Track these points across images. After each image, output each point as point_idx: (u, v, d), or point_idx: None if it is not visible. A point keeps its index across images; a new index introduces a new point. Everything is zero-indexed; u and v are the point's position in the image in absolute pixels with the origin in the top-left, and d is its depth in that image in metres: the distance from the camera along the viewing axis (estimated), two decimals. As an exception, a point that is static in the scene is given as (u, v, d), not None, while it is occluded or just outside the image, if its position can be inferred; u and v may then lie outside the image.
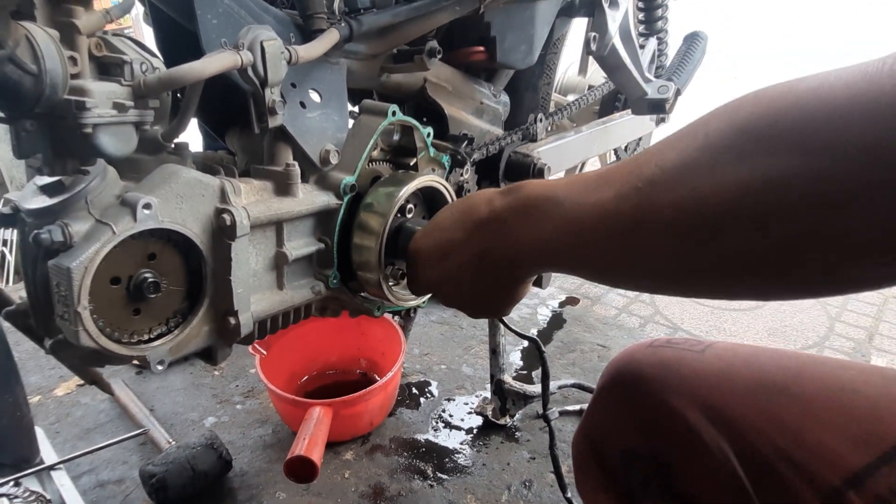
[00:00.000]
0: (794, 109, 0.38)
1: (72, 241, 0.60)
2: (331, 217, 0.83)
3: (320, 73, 0.84)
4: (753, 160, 0.39)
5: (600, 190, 0.50)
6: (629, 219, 0.47)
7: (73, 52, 0.57)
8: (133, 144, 0.63)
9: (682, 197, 0.43)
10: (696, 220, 0.43)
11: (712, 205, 0.41)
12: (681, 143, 0.45)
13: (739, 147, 0.40)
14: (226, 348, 0.78)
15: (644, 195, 0.45)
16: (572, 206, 0.53)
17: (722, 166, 0.40)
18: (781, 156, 0.38)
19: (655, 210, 0.45)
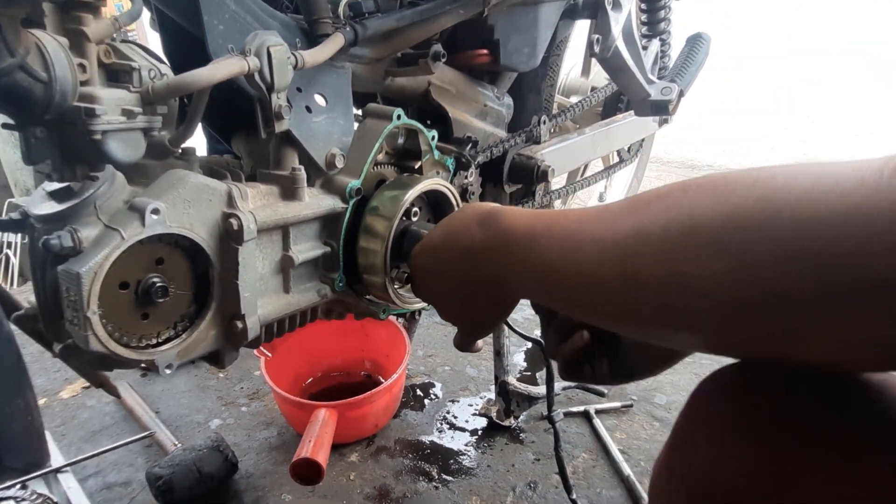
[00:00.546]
0: (784, 211, 0.37)
1: (81, 246, 0.61)
2: (336, 221, 0.83)
3: (326, 77, 0.84)
4: (741, 258, 0.39)
5: (582, 247, 0.50)
6: (611, 286, 0.47)
7: (83, 60, 0.58)
8: (141, 150, 0.64)
9: (667, 278, 0.43)
10: (679, 304, 0.43)
11: (696, 293, 0.41)
12: (662, 214, 0.44)
13: (725, 240, 0.40)
14: (233, 352, 0.78)
15: (629, 267, 0.46)
16: (553, 259, 0.53)
17: (707, 256, 0.40)
18: (768, 257, 0.38)
19: (641, 285, 0.45)
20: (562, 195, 1.43)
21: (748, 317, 0.40)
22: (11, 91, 0.52)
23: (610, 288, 0.48)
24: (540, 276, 0.55)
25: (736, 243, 0.39)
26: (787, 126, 4.49)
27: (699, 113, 4.80)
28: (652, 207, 0.46)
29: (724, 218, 0.40)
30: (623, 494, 1.23)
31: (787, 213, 0.37)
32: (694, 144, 3.99)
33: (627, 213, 0.48)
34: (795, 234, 0.37)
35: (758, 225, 0.38)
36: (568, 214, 0.54)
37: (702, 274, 0.41)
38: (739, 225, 0.39)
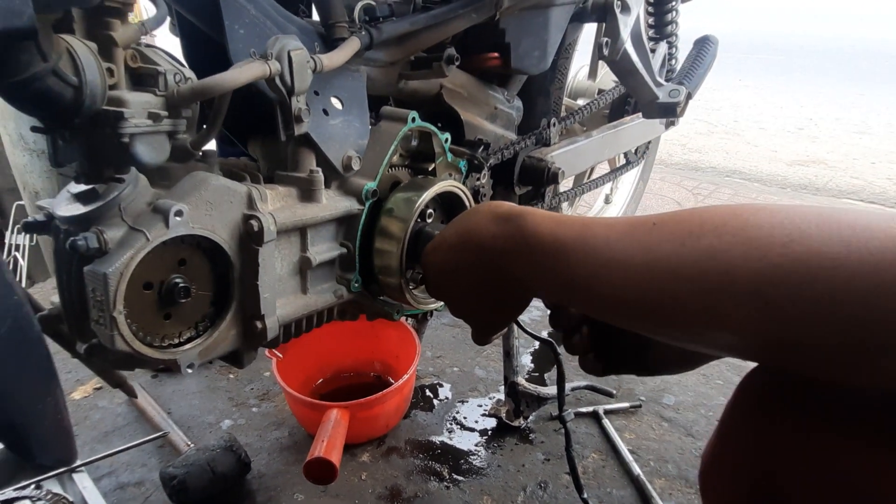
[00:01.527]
0: (822, 276, 0.40)
1: (107, 247, 0.62)
2: (353, 222, 0.85)
3: (342, 80, 0.85)
4: (779, 311, 0.42)
5: (610, 269, 0.52)
6: (645, 312, 0.50)
7: (111, 64, 0.59)
8: (166, 153, 0.65)
9: (701, 317, 0.46)
10: (713, 334, 0.47)
11: (733, 330, 0.45)
12: (699, 261, 0.46)
13: (767, 294, 0.42)
14: (252, 352, 0.79)
15: (658, 302, 0.48)
16: (583, 276, 0.55)
17: (747, 304, 0.43)
18: (804, 315, 0.41)
19: (672, 315, 0.48)
20: (569, 197, 1.44)
21: (781, 354, 0.44)
22: (43, 95, 0.53)
23: (642, 312, 0.50)
24: (567, 286, 0.57)
25: (777, 299, 0.42)
26: (788, 128, 4.50)
27: (705, 114, 4.81)
28: (686, 248, 0.48)
29: (763, 275, 0.42)
30: (633, 494, 1.23)
31: (824, 277, 0.40)
32: (698, 147, 4.00)
33: (659, 245, 0.49)
34: (830, 300, 0.39)
35: (797, 285, 0.41)
36: (595, 229, 0.56)
37: (742, 321, 0.44)
38: (779, 282, 0.42)
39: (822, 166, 3.58)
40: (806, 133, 4.36)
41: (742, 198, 2.93)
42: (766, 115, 4.94)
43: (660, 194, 2.97)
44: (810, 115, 4.89)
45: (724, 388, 1.56)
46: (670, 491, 1.24)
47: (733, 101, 5.49)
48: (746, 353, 0.46)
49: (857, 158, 3.71)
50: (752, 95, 5.76)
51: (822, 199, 2.96)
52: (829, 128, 4.51)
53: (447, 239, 0.74)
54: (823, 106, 5.24)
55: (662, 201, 2.88)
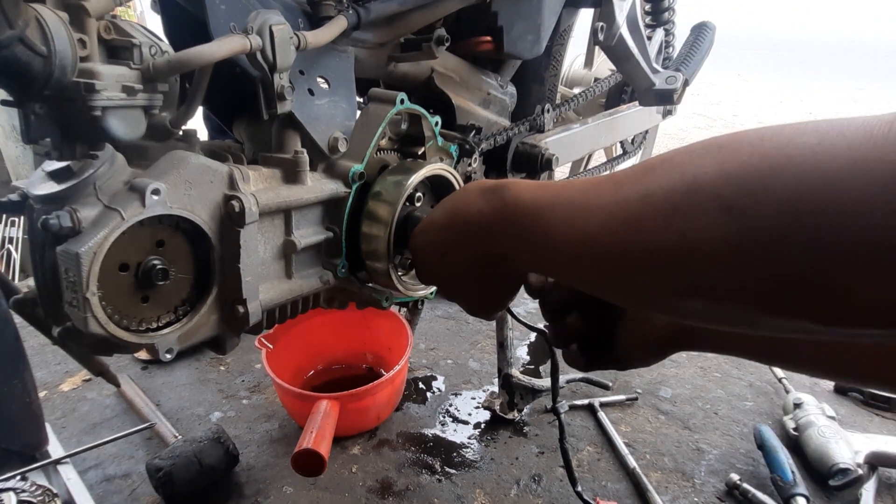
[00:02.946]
0: (789, 167, 0.36)
1: (80, 226, 0.60)
2: (339, 205, 0.82)
3: (328, 60, 0.83)
4: (744, 215, 0.37)
5: (587, 216, 0.49)
6: (618, 255, 0.46)
7: (83, 35, 0.57)
8: (142, 128, 0.63)
9: (671, 241, 0.42)
10: (684, 265, 0.42)
11: (702, 251, 0.40)
12: (667, 177, 0.43)
13: (730, 198, 0.38)
14: (234, 337, 0.77)
15: (633, 232, 0.44)
16: (558, 230, 0.52)
17: (711, 214, 0.39)
18: (769, 214, 0.36)
19: (644, 250, 0.44)
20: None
21: (753, 278, 0.38)
22: (10, 64, 0.51)
23: (615, 255, 0.46)
24: (544, 246, 0.54)
25: (739, 200, 0.37)
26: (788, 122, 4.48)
27: (704, 105, 4.80)
28: (657, 171, 0.44)
29: (728, 176, 0.39)
30: (629, 487, 1.21)
31: (791, 168, 0.36)
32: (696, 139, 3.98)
33: (632, 179, 0.46)
34: (798, 189, 0.35)
35: (760, 181, 0.37)
36: (574, 184, 0.53)
37: (705, 234, 0.39)
38: (743, 182, 0.38)
39: (821, 161, 3.56)
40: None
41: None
42: (766, 110, 4.91)
43: (658, 188, 2.95)
44: (810, 110, 4.87)
45: (721, 381, 1.54)
46: (666, 484, 1.22)
47: (733, 95, 5.47)
48: (724, 295, 0.41)
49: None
50: (752, 90, 5.74)
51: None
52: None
53: (435, 220, 0.72)
54: (823, 100, 5.22)
55: (660, 195, 2.86)
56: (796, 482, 1.14)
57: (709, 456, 1.29)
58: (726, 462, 1.27)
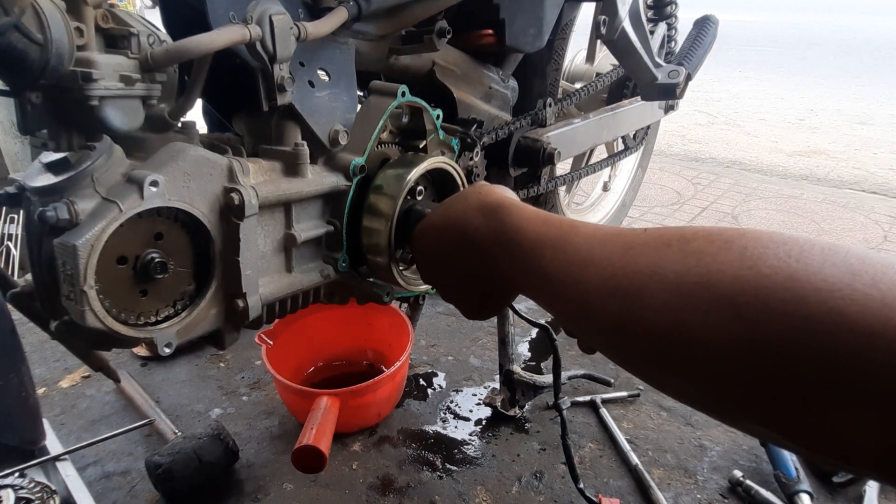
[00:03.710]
0: (815, 301, 0.35)
1: (78, 218, 0.59)
2: (340, 199, 0.82)
3: (329, 52, 0.82)
4: (755, 329, 0.37)
5: (587, 271, 0.49)
6: (612, 320, 0.46)
7: (80, 23, 0.56)
8: (140, 119, 0.62)
9: (672, 326, 0.41)
10: (680, 352, 0.41)
11: (703, 346, 0.40)
12: (681, 261, 0.42)
13: (745, 308, 0.37)
14: (234, 332, 0.76)
15: (633, 304, 0.44)
16: (556, 275, 0.52)
17: (721, 316, 0.38)
18: (788, 342, 0.35)
19: (641, 325, 0.43)
20: (567, 181, 1.41)
21: (750, 387, 0.38)
22: (6, 52, 0.51)
23: (609, 319, 0.46)
24: (539, 286, 0.55)
25: (754, 314, 0.37)
26: (789, 119, 4.47)
27: (707, 104, 4.79)
28: (672, 249, 0.44)
29: (747, 285, 0.38)
30: (631, 484, 1.21)
31: (816, 303, 0.35)
32: (698, 138, 3.97)
33: (643, 248, 0.46)
34: (819, 328, 0.34)
35: (782, 305, 0.36)
36: (580, 230, 0.52)
37: (711, 332, 0.39)
38: (762, 297, 0.37)
39: (823, 157, 3.55)
40: (807, 124, 4.33)
41: (742, 187, 2.89)
42: (767, 107, 4.90)
43: (659, 184, 2.94)
44: (811, 106, 4.86)
45: (723, 378, 1.53)
46: (668, 481, 1.21)
47: (734, 92, 5.46)
48: (712, 381, 0.41)
49: (859, 149, 3.68)
50: (753, 87, 5.72)
51: (823, 188, 2.93)
52: (831, 119, 4.48)
53: (434, 223, 0.72)
54: (825, 97, 5.21)
55: (662, 191, 2.85)
56: (800, 479, 1.13)
57: (711, 452, 1.28)
58: (729, 459, 1.26)
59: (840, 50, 7.97)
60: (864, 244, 2.29)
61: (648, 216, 2.56)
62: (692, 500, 1.17)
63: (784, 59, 7.38)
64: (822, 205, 2.67)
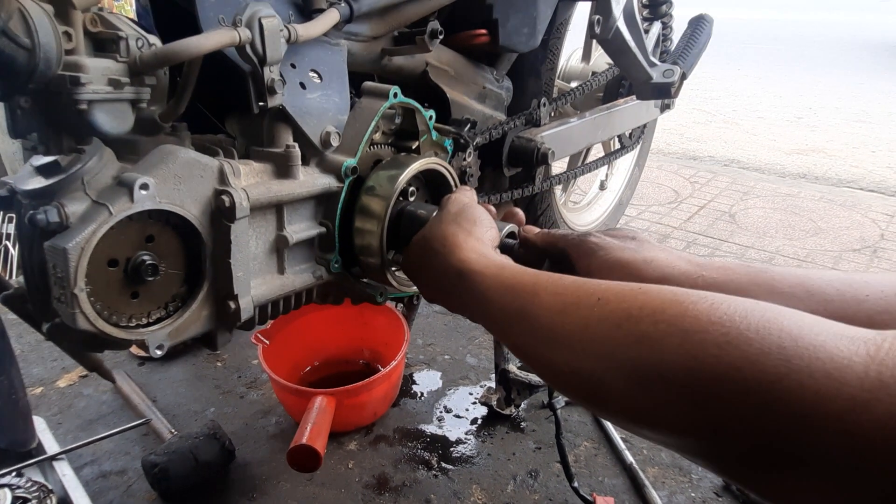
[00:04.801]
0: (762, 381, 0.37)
1: (68, 221, 0.59)
2: (332, 200, 0.82)
3: (320, 53, 0.82)
4: (709, 412, 0.40)
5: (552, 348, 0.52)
6: (582, 398, 0.51)
7: (68, 28, 0.56)
8: (129, 123, 0.62)
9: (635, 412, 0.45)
10: (646, 433, 0.46)
11: (665, 430, 0.44)
12: (634, 347, 0.45)
13: (696, 394, 0.40)
14: (226, 333, 0.77)
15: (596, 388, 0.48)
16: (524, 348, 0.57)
17: (677, 406, 0.41)
18: (736, 421, 0.38)
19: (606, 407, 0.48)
20: (562, 181, 1.41)
21: (712, 453, 0.42)
22: (-7, 57, 0.51)
23: (579, 396, 0.50)
24: (513, 350, 0.59)
25: (707, 401, 0.40)
26: (788, 117, 4.47)
27: (703, 103, 4.78)
28: (622, 331, 0.46)
29: (695, 375, 0.40)
30: (626, 482, 1.21)
31: (756, 394, 0.37)
32: (695, 136, 3.97)
33: (598, 325, 0.49)
34: (759, 416, 0.37)
35: (731, 395, 0.39)
36: (542, 299, 0.56)
37: (672, 418, 0.42)
38: (711, 389, 0.40)
39: (821, 155, 3.55)
40: (805, 122, 4.33)
41: (740, 186, 2.90)
42: (765, 105, 4.90)
43: (657, 182, 2.94)
44: (809, 105, 4.85)
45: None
46: (663, 479, 1.22)
47: (732, 90, 5.45)
48: (680, 450, 0.45)
49: (857, 147, 3.68)
50: (751, 85, 5.72)
51: (821, 187, 2.93)
52: (829, 117, 4.47)
53: (409, 255, 0.77)
54: (823, 95, 5.20)
55: (659, 189, 2.85)
56: (793, 477, 1.13)
57: (706, 451, 1.28)
58: (724, 457, 1.27)
59: (839, 47, 7.96)
60: (861, 242, 2.29)
61: (646, 214, 2.56)
62: (686, 498, 1.17)
63: (782, 56, 7.37)
64: (819, 203, 2.68)
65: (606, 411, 0.48)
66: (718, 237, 2.35)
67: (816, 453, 0.35)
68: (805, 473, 0.36)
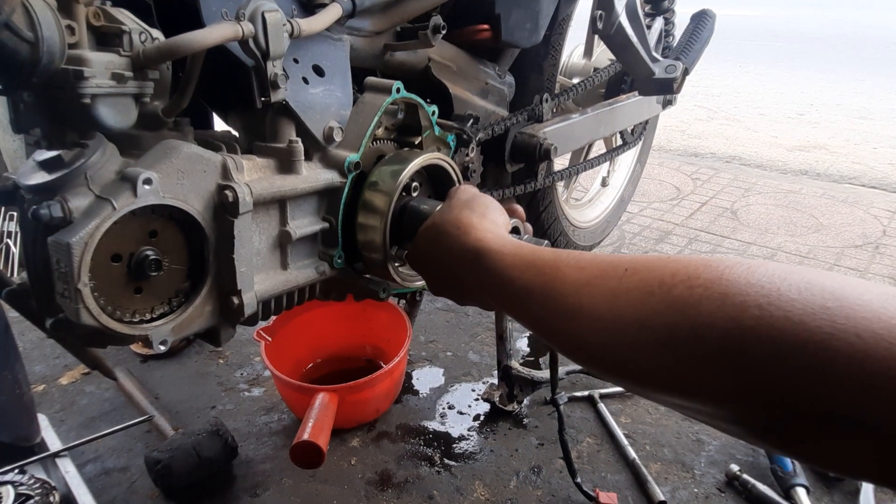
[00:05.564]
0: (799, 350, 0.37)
1: (71, 216, 0.59)
2: (335, 195, 0.82)
3: (323, 48, 0.82)
4: (750, 380, 0.39)
5: (576, 320, 0.51)
6: (608, 369, 0.49)
7: (71, 21, 0.56)
8: (133, 117, 0.62)
9: (668, 379, 0.44)
10: (678, 402, 0.45)
11: (700, 398, 0.42)
12: (668, 313, 0.44)
13: (734, 361, 0.39)
14: (229, 329, 0.77)
15: (626, 356, 0.47)
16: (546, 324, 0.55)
17: (714, 370, 0.40)
18: (780, 382, 0.37)
19: (637, 376, 0.47)
20: (564, 177, 1.41)
21: (752, 422, 0.41)
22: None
23: (606, 367, 0.49)
24: (537, 329, 0.57)
25: (747, 365, 0.39)
26: (789, 114, 4.46)
27: (704, 100, 4.78)
28: (655, 298, 0.45)
29: (734, 338, 0.39)
30: (629, 478, 1.21)
31: (802, 355, 0.36)
32: (697, 133, 3.96)
33: (627, 294, 0.47)
34: (809, 378, 0.36)
35: (773, 357, 0.38)
36: (565, 272, 0.54)
37: (708, 384, 0.41)
38: (752, 352, 0.38)
39: (822, 151, 3.54)
40: (807, 118, 4.32)
41: (742, 182, 2.89)
42: (767, 101, 4.89)
43: (658, 179, 2.93)
44: (811, 101, 4.84)
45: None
46: (666, 475, 1.22)
47: (733, 87, 5.44)
48: (713, 419, 0.44)
49: (859, 143, 3.67)
50: (753, 82, 5.71)
51: (822, 183, 2.92)
52: (831, 113, 4.47)
53: (420, 255, 0.76)
54: (824, 91, 5.19)
55: (661, 186, 2.85)
56: (796, 472, 1.13)
57: (709, 447, 1.28)
58: (726, 453, 1.27)
59: (840, 44, 7.94)
60: (864, 238, 2.28)
61: (647, 211, 2.56)
62: (689, 494, 1.17)
63: (784, 53, 7.36)
64: (821, 199, 2.67)
65: (637, 382, 0.47)
66: (720, 234, 2.34)
67: (864, 416, 0.34)
68: (848, 435, 0.35)
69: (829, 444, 0.37)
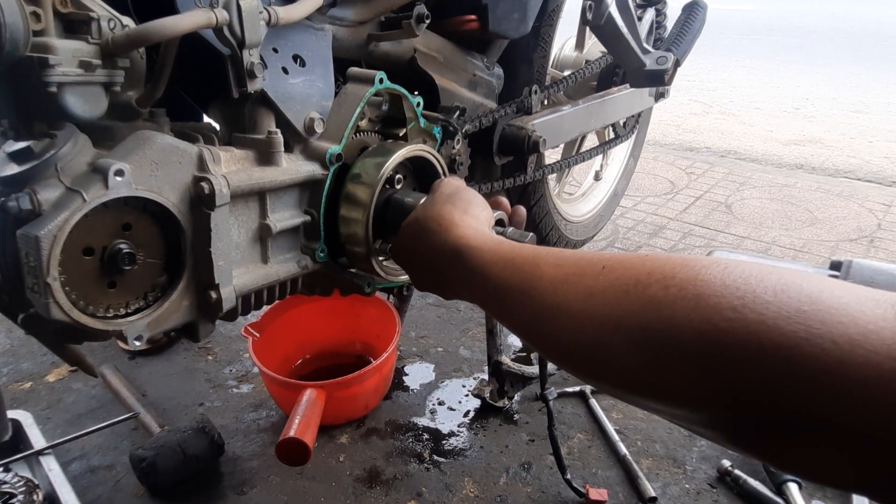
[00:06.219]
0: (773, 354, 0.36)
1: (41, 209, 0.58)
2: (317, 188, 0.80)
3: (304, 38, 0.80)
4: (724, 379, 0.38)
5: (554, 320, 0.50)
6: (584, 370, 0.48)
7: (36, 8, 0.54)
8: (102, 106, 0.60)
9: (643, 382, 0.43)
10: (653, 405, 0.44)
11: (674, 400, 0.41)
12: (642, 312, 0.43)
13: (709, 359, 0.38)
14: (208, 324, 0.75)
15: (602, 358, 0.46)
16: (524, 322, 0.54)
17: (688, 373, 0.39)
18: (752, 384, 0.36)
19: (612, 378, 0.46)
20: (555, 170, 1.39)
21: (725, 425, 0.40)
22: (-45, 37, 0.49)
23: (582, 368, 0.48)
24: (513, 328, 0.57)
25: (721, 367, 0.38)
26: (784, 108, 4.45)
27: (697, 95, 4.76)
28: (630, 297, 0.44)
29: (708, 341, 0.38)
30: (620, 475, 1.20)
31: (777, 360, 0.35)
32: (692, 127, 3.95)
33: (603, 293, 0.46)
34: (782, 384, 0.35)
35: (747, 361, 0.37)
36: (543, 269, 0.53)
37: (682, 387, 0.40)
38: (726, 355, 0.38)
39: (818, 145, 3.53)
40: (802, 113, 4.31)
41: (736, 176, 2.88)
42: (762, 96, 4.88)
43: (653, 173, 2.92)
44: (807, 95, 4.83)
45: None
46: (657, 471, 1.21)
47: (729, 81, 5.43)
48: (687, 422, 0.43)
49: (854, 137, 3.67)
50: (748, 76, 5.70)
51: (818, 177, 2.91)
52: (826, 107, 4.46)
53: (401, 240, 0.75)
54: (820, 85, 5.18)
55: (655, 180, 2.84)
56: (788, 468, 1.12)
57: (700, 443, 1.27)
58: (718, 449, 1.25)
59: (836, 38, 7.94)
60: (858, 232, 2.28)
61: (642, 206, 2.55)
62: (681, 489, 1.16)
63: (780, 47, 7.35)
64: (816, 193, 2.66)
65: (610, 384, 0.46)
66: (714, 228, 2.33)
67: (839, 423, 0.33)
68: (825, 443, 0.34)
69: (804, 451, 0.36)
